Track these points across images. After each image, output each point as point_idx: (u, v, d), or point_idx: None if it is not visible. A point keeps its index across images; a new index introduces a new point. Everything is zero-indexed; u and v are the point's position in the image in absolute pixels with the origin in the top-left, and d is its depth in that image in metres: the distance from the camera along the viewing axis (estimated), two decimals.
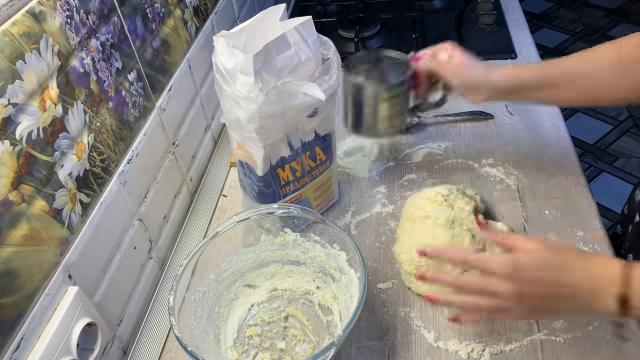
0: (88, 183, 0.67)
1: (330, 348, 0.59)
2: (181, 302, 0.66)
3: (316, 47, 0.72)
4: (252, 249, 0.77)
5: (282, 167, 0.77)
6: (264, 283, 0.78)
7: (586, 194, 0.86)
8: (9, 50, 0.54)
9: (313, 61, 0.72)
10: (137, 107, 0.79)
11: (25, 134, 0.56)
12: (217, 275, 0.74)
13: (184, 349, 0.59)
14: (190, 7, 0.99)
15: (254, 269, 0.78)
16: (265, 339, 0.73)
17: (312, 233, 0.75)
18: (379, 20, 1.33)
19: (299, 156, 0.78)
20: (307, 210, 0.72)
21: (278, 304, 0.77)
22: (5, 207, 0.53)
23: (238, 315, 0.75)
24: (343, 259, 0.71)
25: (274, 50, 0.69)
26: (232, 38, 0.71)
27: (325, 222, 0.71)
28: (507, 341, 0.69)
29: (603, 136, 2.37)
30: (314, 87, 0.69)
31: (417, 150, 1.00)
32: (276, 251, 0.78)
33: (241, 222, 0.72)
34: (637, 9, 3.16)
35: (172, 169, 0.90)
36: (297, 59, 0.70)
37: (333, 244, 0.73)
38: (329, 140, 0.82)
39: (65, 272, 0.62)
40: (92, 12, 0.68)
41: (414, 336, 0.71)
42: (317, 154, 0.81)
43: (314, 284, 0.77)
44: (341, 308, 0.73)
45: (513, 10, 1.37)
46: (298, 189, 0.82)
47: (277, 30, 0.71)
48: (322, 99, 0.69)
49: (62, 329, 0.59)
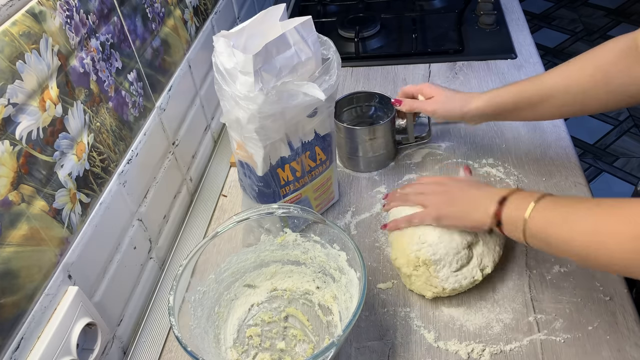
0: (88, 183, 0.67)
1: (330, 348, 0.59)
2: (181, 302, 0.66)
3: (316, 47, 0.72)
4: (252, 249, 0.77)
5: (282, 167, 0.77)
6: (263, 283, 0.78)
7: (586, 194, 0.86)
8: (9, 50, 0.54)
9: (313, 61, 0.72)
10: (137, 107, 0.79)
11: (25, 134, 0.56)
12: (217, 275, 0.74)
13: (183, 349, 0.59)
14: (190, 7, 0.99)
15: (253, 269, 0.78)
16: (265, 339, 0.73)
17: (312, 233, 0.75)
18: (379, 20, 1.33)
19: (299, 156, 0.78)
20: (307, 210, 0.72)
21: (278, 304, 0.77)
22: (5, 207, 0.53)
23: (238, 315, 0.75)
24: (343, 259, 0.71)
25: (274, 50, 0.69)
26: (232, 38, 0.71)
27: (325, 222, 0.71)
28: (507, 341, 0.69)
29: (603, 136, 2.37)
30: (314, 87, 0.69)
31: (417, 150, 1.00)
32: (276, 251, 0.78)
33: (241, 222, 0.72)
34: (637, 9, 3.16)
35: (172, 169, 0.90)
36: (297, 59, 0.70)
37: (333, 244, 0.73)
38: (329, 140, 0.82)
39: (65, 272, 0.62)
40: (92, 12, 0.69)
41: (414, 336, 0.71)
42: (317, 154, 0.81)
43: (314, 284, 0.77)
44: (341, 308, 0.73)
45: (513, 10, 1.37)
46: (298, 189, 0.82)
47: (277, 30, 0.71)
48: (322, 98, 0.69)
49: (62, 329, 0.59)
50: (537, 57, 1.19)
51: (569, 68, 0.77)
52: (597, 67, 0.73)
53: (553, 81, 0.77)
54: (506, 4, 1.39)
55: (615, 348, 0.66)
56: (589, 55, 0.75)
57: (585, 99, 0.75)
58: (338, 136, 0.94)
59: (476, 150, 0.98)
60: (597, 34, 3.01)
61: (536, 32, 3.08)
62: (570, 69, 0.77)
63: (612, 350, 0.66)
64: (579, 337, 0.68)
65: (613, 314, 0.69)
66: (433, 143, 1.00)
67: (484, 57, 1.20)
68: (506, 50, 1.21)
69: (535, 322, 0.70)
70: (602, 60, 0.73)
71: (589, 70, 0.74)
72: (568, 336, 0.68)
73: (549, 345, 0.68)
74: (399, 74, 1.20)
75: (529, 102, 0.78)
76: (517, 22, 1.32)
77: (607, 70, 0.72)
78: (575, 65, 0.76)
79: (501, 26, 1.29)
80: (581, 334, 0.68)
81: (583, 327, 0.69)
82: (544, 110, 0.79)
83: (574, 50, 2.90)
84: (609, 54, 0.73)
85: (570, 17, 3.19)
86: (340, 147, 0.96)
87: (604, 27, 3.05)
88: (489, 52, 1.21)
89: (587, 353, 0.66)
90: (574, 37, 3.01)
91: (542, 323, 0.70)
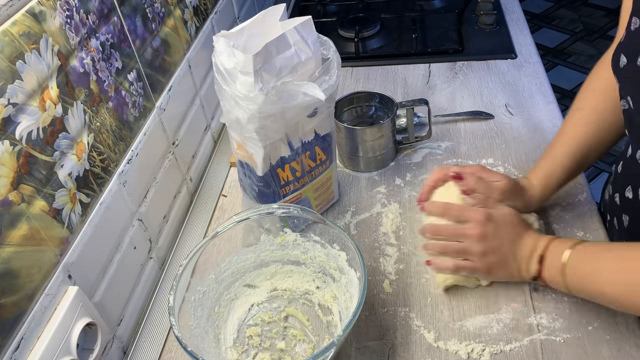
0: (88, 183, 0.67)
1: (330, 348, 0.59)
2: (181, 302, 0.66)
3: (316, 47, 0.72)
4: (252, 249, 0.77)
5: (282, 167, 0.77)
6: (263, 283, 0.78)
7: (586, 194, 0.86)
8: (9, 50, 0.54)
9: (313, 61, 0.72)
10: (137, 107, 0.79)
11: (25, 134, 0.56)
12: (217, 275, 0.74)
13: (184, 349, 0.59)
14: (190, 7, 0.99)
15: (253, 269, 0.78)
16: (265, 339, 0.73)
17: (312, 233, 0.75)
18: (379, 20, 1.33)
19: (299, 156, 0.78)
20: (307, 210, 0.72)
21: (278, 304, 0.77)
22: (5, 207, 0.53)
23: (238, 315, 0.75)
24: (343, 259, 0.71)
25: (274, 50, 0.68)
26: (232, 38, 0.71)
27: (326, 222, 0.71)
28: (507, 341, 0.69)
29: None
30: (314, 87, 0.69)
31: (417, 150, 1.00)
32: (276, 251, 0.78)
33: (241, 222, 0.72)
34: None
35: (172, 169, 0.90)
36: (297, 58, 0.70)
37: (333, 244, 0.73)
38: (329, 140, 0.82)
39: (65, 272, 0.62)
40: (92, 12, 0.69)
41: (414, 336, 0.71)
42: (317, 154, 0.81)
43: (313, 284, 0.77)
44: (341, 308, 0.73)
45: (513, 10, 1.37)
46: (298, 189, 0.82)
47: (277, 30, 0.71)
48: (322, 99, 0.69)
49: (62, 329, 0.59)
50: (537, 57, 1.19)
51: (569, 124, 0.78)
52: (595, 107, 0.77)
53: (583, 131, 0.77)
54: (506, 4, 1.39)
55: (615, 348, 0.66)
56: (587, 95, 0.78)
57: (609, 133, 0.76)
58: (338, 136, 0.94)
59: (476, 150, 0.98)
60: (597, 34, 3.01)
61: (536, 32, 3.08)
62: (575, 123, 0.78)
63: (612, 350, 0.66)
64: (579, 337, 0.68)
65: (613, 314, 0.69)
66: (433, 143, 1.00)
67: (483, 57, 1.20)
68: (506, 50, 1.21)
69: (535, 322, 0.70)
70: (599, 92, 0.77)
71: (588, 109, 0.77)
72: (568, 336, 0.68)
73: (549, 345, 0.68)
74: (399, 74, 1.20)
75: (577, 165, 0.78)
76: (517, 22, 1.32)
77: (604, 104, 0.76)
78: (575, 121, 0.78)
79: (501, 26, 1.29)
80: (581, 334, 0.68)
81: (583, 327, 0.69)
82: (591, 160, 0.79)
83: (574, 50, 2.91)
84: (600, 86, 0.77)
85: (570, 17, 3.19)
86: (340, 147, 0.96)
87: (604, 27, 3.05)
88: (489, 52, 1.21)
89: (587, 353, 0.66)
90: (574, 37, 3.01)
91: (542, 323, 0.70)
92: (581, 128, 0.77)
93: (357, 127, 0.93)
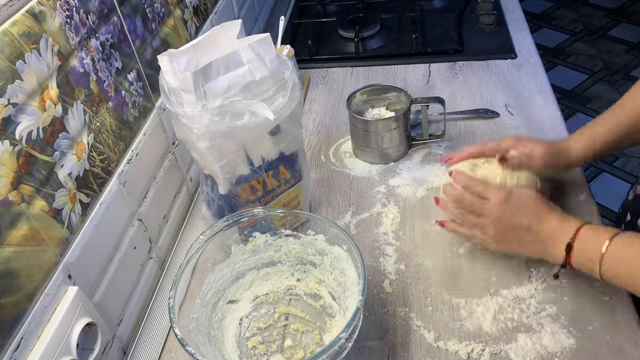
0: (88, 183, 0.67)
1: (357, 314, 0.60)
2: (181, 302, 0.66)
3: (274, 65, 0.70)
4: (226, 264, 0.75)
5: (241, 185, 0.75)
6: (244, 294, 0.77)
7: (586, 194, 0.86)
8: (9, 50, 0.54)
9: (270, 80, 0.69)
10: (137, 107, 0.79)
11: (25, 133, 0.56)
12: (202, 299, 0.71)
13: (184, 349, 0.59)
14: (190, 7, 0.99)
15: (231, 283, 0.76)
16: (269, 344, 0.72)
17: (311, 230, 0.74)
18: (379, 20, 1.33)
19: (260, 175, 0.76)
20: (272, 209, 0.72)
21: (266, 309, 0.76)
22: (5, 207, 0.53)
23: (232, 333, 0.74)
24: (321, 241, 0.72)
25: (222, 68, 0.66)
26: (182, 55, 0.69)
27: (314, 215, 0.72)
28: (507, 341, 0.69)
29: None
30: (263, 107, 0.66)
31: (417, 150, 1.00)
32: (249, 259, 0.76)
33: (208, 240, 0.71)
34: (637, 9, 3.16)
35: (172, 169, 0.90)
36: (249, 77, 0.68)
37: (307, 230, 0.73)
38: (294, 158, 0.80)
39: (65, 272, 0.62)
40: (92, 12, 0.69)
41: (414, 336, 0.71)
42: (281, 173, 0.78)
43: (293, 278, 0.77)
44: (331, 288, 0.73)
45: (513, 10, 1.37)
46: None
47: (232, 47, 0.69)
48: (270, 118, 0.66)
49: (62, 329, 0.59)
50: (537, 57, 1.19)
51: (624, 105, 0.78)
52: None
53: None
54: (506, 4, 1.39)
55: (615, 348, 0.66)
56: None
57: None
58: (353, 128, 0.96)
59: None
60: (597, 34, 3.01)
61: (536, 32, 3.08)
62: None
63: (612, 350, 0.66)
64: (579, 337, 0.68)
65: (613, 314, 0.69)
66: (433, 143, 1.00)
67: (483, 57, 1.21)
68: (506, 50, 1.21)
69: (536, 322, 0.70)
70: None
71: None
72: (568, 336, 0.68)
73: (549, 345, 0.68)
74: (399, 73, 1.20)
75: (626, 134, 0.77)
76: (517, 22, 1.32)
77: None
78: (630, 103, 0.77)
79: (501, 26, 1.29)
80: (581, 334, 0.68)
81: (583, 327, 0.69)
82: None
83: (574, 50, 2.91)
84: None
85: (570, 17, 3.19)
86: (355, 138, 0.98)
87: (604, 27, 3.05)
88: (489, 52, 1.21)
89: (587, 353, 0.66)
90: (574, 37, 3.01)
91: (543, 323, 0.70)
92: (637, 99, 0.77)
93: (371, 119, 0.94)
